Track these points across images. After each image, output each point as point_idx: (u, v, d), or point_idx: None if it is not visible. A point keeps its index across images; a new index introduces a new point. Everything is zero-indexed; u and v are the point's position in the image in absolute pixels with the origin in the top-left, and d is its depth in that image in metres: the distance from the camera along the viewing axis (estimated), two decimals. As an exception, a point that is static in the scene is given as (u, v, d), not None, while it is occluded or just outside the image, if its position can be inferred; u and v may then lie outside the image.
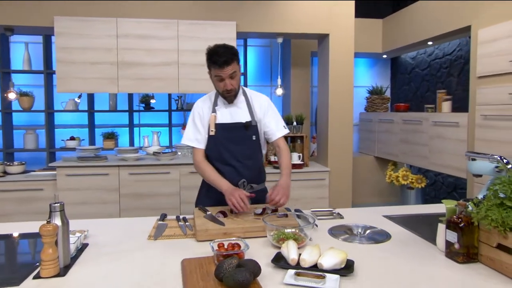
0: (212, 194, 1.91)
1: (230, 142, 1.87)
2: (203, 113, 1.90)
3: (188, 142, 1.91)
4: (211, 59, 1.77)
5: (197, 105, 1.94)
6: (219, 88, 1.83)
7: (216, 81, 1.81)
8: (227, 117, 1.88)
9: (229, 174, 1.86)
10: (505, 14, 3.00)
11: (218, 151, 1.88)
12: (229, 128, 1.87)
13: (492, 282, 1.11)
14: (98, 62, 3.42)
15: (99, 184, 3.43)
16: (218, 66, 1.74)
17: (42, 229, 1.14)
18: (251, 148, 1.91)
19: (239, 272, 1.03)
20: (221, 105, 1.90)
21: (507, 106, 2.92)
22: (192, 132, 1.91)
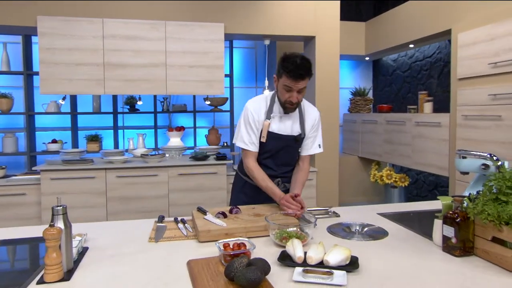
0: (247, 190, 1.97)
1: (277, 150, 1.90)
2: (259, 117, 1.86)
3: (242, 145, 1.88)
4: (287, 68, 1.70)
5: (252, 107, 1.88)
6: (283, 98, 1.79)
7: (283, 90, 1.76)
8: (280, 127, 1.87)
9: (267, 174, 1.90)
10: (483, 19, 3.13)
11: (262, 155, 1.91)
12: (280, 139, 1.87)
13: (489, 273, 1.17)
14: (84, 63, 3.36)
15: (85, 187, 3.36)
16: (292, 78, 1.69)
17: (46, 233, 1.12)
18: (293, 158, 1.98)
19: (251, 270, 1.04)
20: (276, 113, 1.87)
21: (486, 106, 3.05)
22: (246, 134, 1.87)
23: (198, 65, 3.60)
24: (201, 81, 3.63)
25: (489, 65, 3.01)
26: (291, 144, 1.90)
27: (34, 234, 1.55)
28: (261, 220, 1.59)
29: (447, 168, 3.58)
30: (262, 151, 1.91)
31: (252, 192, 1.98)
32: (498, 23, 2.93)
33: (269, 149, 1.89)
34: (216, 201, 3.64)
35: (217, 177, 3.63)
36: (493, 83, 3.01)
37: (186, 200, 3.58)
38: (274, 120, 1.87)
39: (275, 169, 1.94)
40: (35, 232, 1.55)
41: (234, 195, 2.06)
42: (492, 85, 3.01)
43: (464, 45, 3.28)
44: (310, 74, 1.74)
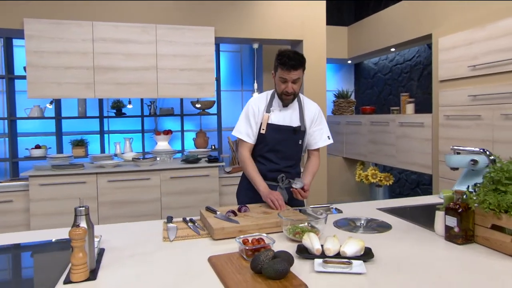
0: (252, 186, 2.02)
1: (277, 142, 1.99)
2: (258, 111, 2.00)
3: (238, 134, 2.01)
4: (280, 60, 1.87)
5: (253, 102, 2.03)
6: (280, 89, 1.94)
7: (279, 82, 1.92)
8: (279, 119, 1.99)
9: (269, 168, 2.01)
10: (462, 24, 3.32)
11: (264, 149, 2.00)
12: (279, 130, 1.98)
13: (491, 258, 1.27)
14: (73, 67, 3.31)
15: (76, 193, 3.30)
16: (285, 68, 1.85)
17: (72, 233, 1.13)
18: (294, 151, 2.06)
19: (278, 262, 1.09)
20: (275, 107, 2.01)
21: (467, 107, 3.23)
22: (244, 126, 2.00)
23: (189, 68, 3.62)
24: (192, 84, 3.65)
25: (469, 67, 3.19)
26: (290, 136, 2.00)
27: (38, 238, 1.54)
28: (271, 217, 1.64)
29: (430, 166, 3.75)
30: (264, 143, 2.00)
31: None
32: (476, 29, 3.12)
33: (270, 140, 1.98)
34: (208, 203, 3.65)
35: (209, 179, 3.65)
36: (472, 84, 3.20)
37: (179, 203, 3.58)
38: (273, 113, 2.00)
39: (278, 162, 2.02)
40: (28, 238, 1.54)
41: (242, 192, 2.12)
42: (471, 87, 3.19)
43: (444, 49, 3.46)
44: (303, 65, 1.90)
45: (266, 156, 2.02)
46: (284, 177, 1.99)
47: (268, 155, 2.01)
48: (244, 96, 5.40)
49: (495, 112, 2.97)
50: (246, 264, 1.21)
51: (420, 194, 4.75)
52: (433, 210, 2.03)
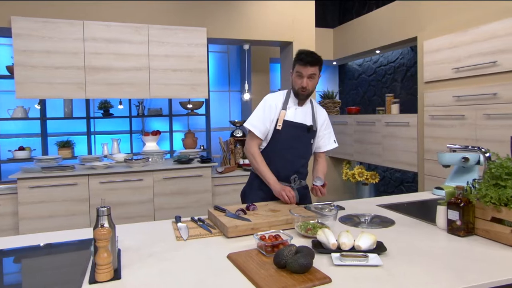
0: (265, 187, 2.07)
1: (292, 139, 2.05)
2: (275, 107, 2.04)
3: (251, 127, 2.04)
4: (298, 56, 1.98)
5: (271, 98, 2.08)
6: (296, 85, 2.01)
7: (296, 77, 2.00)
8: (294, 116, 2.05)
9: (283, 166, 2.05)
10: (446, 28, 3.47)
11: (279, 145, 2.04)
12: (294, 127, 2.04)
13: (492, 249, 1.36)
14: (64, 67, 3.25)
15: (66, 195, 3.24)
16: (302, 64, 1.94)
17: (97, 233, 1.14)
18: (306, 149, 2.11)
19: (302, 256, 1.14)
20: (291, 105, 2.07)
21: (451, 107, 3.38)
22: (258, 120, 2.04)
23: (182, 68, 3.62)
24: (185, 85, 3.65)
25: (453, 70, 3.34)
26: (304, 134, 2.07)
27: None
28: (280, 214, 1.69)
29: (416, 165, 3.89)
30: (279, 140, 2.04)
31: (270, 189, 2.06)
32: (460, 33, 3.27)
33: (285, 137, 2.03)
34: (201, 203, 3.66)
35: (202, 180, 3.66)
36: (456, 86, 3.35)
37: (172, 204, 3.57)
38: (289, 110, 2.06)
39: (293, 160, 2.06)
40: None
41: (253, 192, 2.14)
42: (456, 88, 3.34)
43: (429, 51, 3.61)
44: (319, 63, 1.99)
45: (281, 153, 2.05)
46: (297, 177, 2.05)
47: (283, 153, 2.05)
48: (232, 96, 5.43)
49: (478, 112, 3.13)
50: (267, 260, 1.25)
51: (404, 191, 4.92)
52: (429, 205, 2.14)
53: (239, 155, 4.21)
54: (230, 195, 3.85)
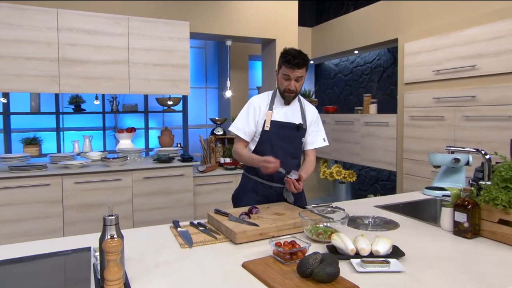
0: (259, 189, 2.02)
1: (281, 139, 1.99)
2: (259, 109, 1.98)
3: (236, 130, 2.01)
4: (285, 58, 1.89)
5: (255, 100, 2.03)
6: (282, 86, 1.95)
7: (282, 79, 1.93)
8: (282, 116, 2.00)
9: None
10: (427, 31, 3.56)
11: (268, 146, 1.98)
12: (283, 127, 1.99)
13: (500, 250, 1.38)
14: (35, 58, 3.00)
15: (38, 196, 3.00)
16: (290, 66, 1.87)
17: (107, 245, 1.02)
18: (296, 148, 2.06)
19: (328, 265, 1.09)
20: (277, 105, 2.02)
21: (431, 108, 3.48)
22: (243, 123, 2.00)
23: (163, 63, 3.46)
24: (166, 80, 3.50)
25: (433, 72, 3.44)
26: (293, 133, 2.02)
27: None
28: (286, 218, 1.63)
29: (394, 164, 3.98)
30: (268, 141, 1.99)
31: (264, 191, 2.03)
32: (441, 36, 3.37)
33: (274, 137, 1.98)
34: (183, 203, 3.54)
35: (184, 179, 3.53)
36: (436, 87, 3.45)
37: (152, 205, 3.42)
38: (276, 110, 2.01)
39: (285, 161, 1.97)
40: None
41: (247, 195, 2.06)
42: (436, 90, 3.44)
43: (410, 53, 3.69)
44: (306, 64, 1.93)
45: (272, 154, 1.97)
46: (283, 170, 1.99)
47: (274, 153, 1.97)
48: (209, 93, 5.31)
49: (457, 113, 3.24)
50: (287, 268, 1.19)
51: (379, 189, 5.04)
52: (423, 205, 2.17)
53: (220, 153, 4.12)
54: (212, 195, 3.75)
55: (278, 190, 2.03)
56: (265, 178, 2.03)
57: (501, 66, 2.90)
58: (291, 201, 1.98)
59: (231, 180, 3.84)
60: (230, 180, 3.83)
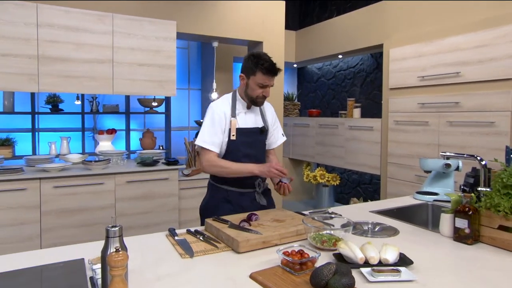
0: (232, 198, 1.95)
1: (247, 146, 1.93)
2: (225, 117, 1.90)
3: (204, 144, 1.88)
4: (262, 65, 1.81)
5: (218, 108, 1.91)
6: (255, 94, 1.88)
7: (256, 86, 1.86)
8: (246, 122, 1.95)
9: (246, 175, 1.90)
10: (412, 38, 3.63)
11: (236, 155, 1.91)
12: (247, 133, 1.93)
13: (501, 256, 1.40)
14: (12, 54, 2.83)
15: (13, 201, 2.83)
16: (268, 74, 1.82)
17: (112, 259, 0.95)
18: (263, 152, 2.03)
19: (343, 276, 1.06)
20: (240, 110, 1.96)
21: (415, 113, 3.55)
22: (209, 134, 1.88)
23: (148, 63, 3.35)
24: (152, 81, 3.39)
25: (418, 78, 3.50)
26: (258, 137, 1.99)
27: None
28: (288, 225, 1.59)
29: (379, 167, 4.03)
30: (236, 150, 1.92)
31: (237, 199, 1.95)
32: (425, 43, 3.44)
33: (241, 145, 1.92)
34: (167, 208, 3.44)
35: (168, 183, 3.43)
36: (421, 93, 3.52)
37: (135, 209, 3.30)
38: (239, 116, 1.95)
39: None
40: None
41: (219, 206, 1.94)
42: (420, 95, 3.51)
43: (395, 59, 3.75)
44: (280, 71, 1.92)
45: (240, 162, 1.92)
46: (261, 180, 1.96)
47: (242, 161, 1.92)
48: (191, 95, 5.21)
49: (441, 119, 3.31)
50: (299, 279, 1.15)
51: (362, 193, 5.10)
52: (416, 210, 2.19)
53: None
54: (197, 199, 3.65)
55: (250, 195, 1.97)
56: (235, 185, 1.95)
57: (483, 73, 2.99)
58: (264, 203, 1.96)
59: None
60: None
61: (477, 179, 1.96)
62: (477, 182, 1.94)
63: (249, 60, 1.87)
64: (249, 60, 1.87)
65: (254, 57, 1.86)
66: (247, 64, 1.88)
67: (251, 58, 1.86)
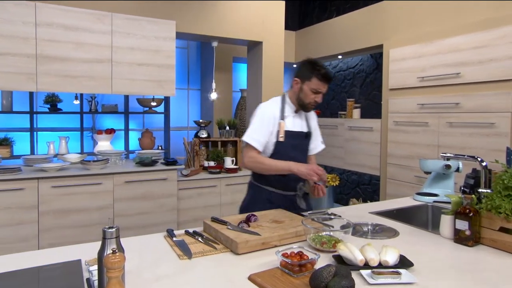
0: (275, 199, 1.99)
1: (293, 148, 1.98)
2: (274, 118, 1.94)
3: (250, 140, 1.93)
4: (319, 71, 1.85)
5: (268, 109, 1.97)
6: (308, 99, 1.91)
7: (310, 92, 1.89)
8: (293, 125, 1.99)
9: (287, 177, 1.96)
10: (411, 38, 3.63)
11: (282, 156, 1.93)
12: (295, 136, 1.99)
13: (504, 258, 1.38)
14: (10, 53, 2.81)
15: (10, 201, 2.81)
16: (324, 81, 1.87)
17: (109, 261, 0.94)
18: (305, 156, 2.08)
19: (343, 278, 1.05)
20: (288, 114, 1.99)
21: (415, 114, 3.54)
22: (258, 133, 1.93)
23: (148, 63, 3.34)
24: (151, 81, 3.37)
25: (418, 78, 3.50)
26: (303, 141, 2.05)
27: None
28: (287, 226, 1.58)
29: (378, 168, 4.02)
30: (282, 151, 1.96)
31: (279, 200, 1.99)
32: (425, 44, 3.43)
33: (287, 148, 1.96)
34: (166, 208, 3.42)
35: (167, 183, 3.42)
36: (421, 94, 3.51)
37: (134, 210, 3.28)
38: (287, 119, 1.99)
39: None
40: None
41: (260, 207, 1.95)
42: (420, 96, 3.50)
43: (395, 60, 3.74)
44: None
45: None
46: (302, 184, 1.99)
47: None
48: (191, 95, 5.20)
49: (441, 120, 3.30)
50: (297, 281, 1.14)
51: (361, 193, 5.09)
52: (416, 211, 2.18)
53: (204, 156, 4.02)
54: (196, 199, 3.65)
55: (291, 198, 2.01)
56: (278, 187, 2.00)
57: (483, 74, 2.98)
58: (304, 207, 1.99)
59: (215, 184, 3.75)
60: (215, 184, 3.75)
61: (477, 180, 1.95)
62: (478, 183, 1.93)
63: (306, 65, 1.91)
64: (305, 66, 1.91)
65: (310, 63, 1.90)
66: (303, 69, 1.91)
67: (308, 64, 1.90)
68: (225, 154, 4.10)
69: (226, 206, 3.83)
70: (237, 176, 3.89)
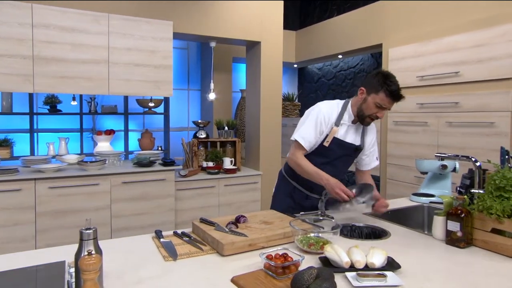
0: (296, 195, 2.00)
1: (337, 157, 1.92)
2: (328, 121, 1.86)
3: (300, 139, 1.86)
4: (389, 86, 1.73)
5: (325, 110, 1.88)
6: (369, 112, 1.81)
7: (374, 106, 1.78)
8: (345, 135, 1.90)
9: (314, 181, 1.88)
10: (411, 37, 3.59)
11: (322, 161, 1.88)
12: (342, 146, 1.90)
13: (496, 260, 1.35)
14: (6, 55, 2.83)
15: (7, 202, 2.82)
16: (392, 98, 1.75)
17: (84, 263, 0.93)
18: (344, 168, 2.02)
19: (324, 281, 1.03)
20: (344, 121, 1.90)
21: (415, 114, 3.50)
22: (309, 133, 1.86)
23: (145, 64, 3.34)
24: (148, 82, 3.37)
25: (417, 77, 3.45)
26: (350, 153, 1.96)
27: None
28: (275, 227, 1.56)
29: (378, 168, 3.98)
30: (324, 156, 1.91)
31: (300, 197, 1.98)
32: (424, 43, 3.39)
33: (331, 154, 1.90)
34: (164, 209, 3.42)
35: (165, 184, 3.42)
36: (420, 93, 3.47)
37: (131, 211, 3.28)
38: (341, 127, 1.89)
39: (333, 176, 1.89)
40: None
41: (281, 199, 2.00)
42: (419, 95, 3.46)
43: (394, 59, 3.71)
44: None
45: (322, 168, 1.87)
46: (327, 194, 1.88)
47: (324, 168, 1.87)
48: (191, 95, 5.20)
49: (440, 119, 3.26)
50: (280, 284, 1.12)
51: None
52: (411, 212, 2.15)
53: (202, 157, 4.02)
54: (194, 200, 3.65)
55: (314, 201, 1.97)
56: (304, 186, 1.97)
57: (483, 73, 2.94)
58: (323, 212, 1.91)
59: (213, 185, 3.74)
60: (213, 184, 3.74)
61: (473, 181, 1.91)
62: (473, 183, 1.90)
63: (377, 77, 1.78)
64: (376, 77, 1.78)
65: (383, 76, 1.77)
66: (373, 80, 1.79)
67: (380, 76, 1.78)
68: (224, 155, 4.09)
69: (225, 206, 3.82)
70: (235, 177, 3.88)
